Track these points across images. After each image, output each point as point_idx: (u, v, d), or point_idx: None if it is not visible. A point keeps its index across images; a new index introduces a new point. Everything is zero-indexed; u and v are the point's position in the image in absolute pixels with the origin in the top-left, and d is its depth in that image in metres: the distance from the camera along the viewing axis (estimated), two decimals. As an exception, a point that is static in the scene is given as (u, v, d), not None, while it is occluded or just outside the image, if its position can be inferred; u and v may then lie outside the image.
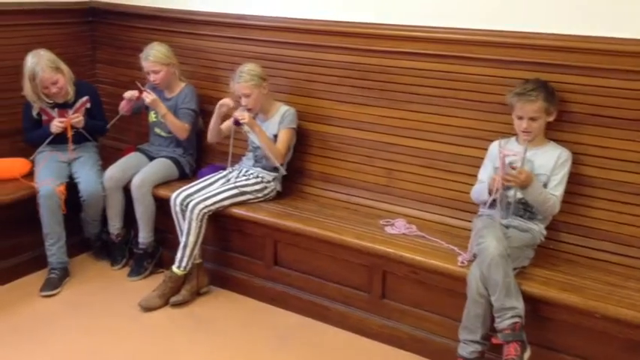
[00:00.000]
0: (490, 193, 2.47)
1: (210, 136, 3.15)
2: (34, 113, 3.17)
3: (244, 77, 2.95)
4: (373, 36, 2.93)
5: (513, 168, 2.37)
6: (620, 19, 2.41)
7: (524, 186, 2.37)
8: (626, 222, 2.49)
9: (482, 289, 2.28)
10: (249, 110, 2.99)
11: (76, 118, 3.15)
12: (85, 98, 3.26)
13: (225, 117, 3.09)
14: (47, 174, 3.06)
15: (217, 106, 3.03)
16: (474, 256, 2.40)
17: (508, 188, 2.45)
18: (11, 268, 3.09)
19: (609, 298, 2.22)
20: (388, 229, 2.77)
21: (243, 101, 2.98)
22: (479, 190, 2.58)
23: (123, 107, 3.26)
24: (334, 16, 3.04)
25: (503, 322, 2.22)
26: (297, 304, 2.92)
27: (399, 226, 2.79)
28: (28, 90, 3.09)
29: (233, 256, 3.09)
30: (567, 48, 2.51)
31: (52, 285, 3.00)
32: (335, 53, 3.06)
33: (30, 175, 3.17)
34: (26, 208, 3.02)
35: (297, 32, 3.14)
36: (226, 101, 3.02)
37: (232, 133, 3.01)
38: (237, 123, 2.94)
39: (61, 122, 3.11)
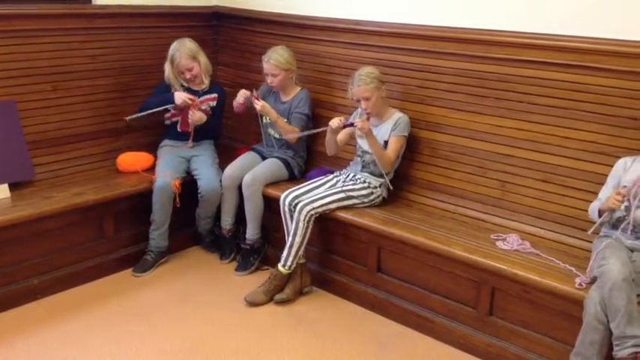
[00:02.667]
0: (600, 214, 2.33)
1: (330, 150, 3.17)
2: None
3: (365, 80, 2.95)
4: (492, 43, 2.85)
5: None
6: None
7: None
8: None
9: (601, 314, 2.14)
10: (368, 114, 2.99)
11: (204, 106, 3.36)
12: (214, 95, 3.47)
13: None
14: (166, 167, 3.25)
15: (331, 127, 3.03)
16: (594, 278, 2.25)
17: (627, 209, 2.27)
18: (130, 255, 3.29)
19: None
20: (500, 244, 2.66)
21: (363, 104, 2.98)
22: (595, 208, 2.42)
23: (237, 107, 3.39)
24: (452, 22, 2.99)
25: (623, 351, 2.07)
26: (398, 313, 2.88)
27: (512, 242, 2.67)
28: (168, 72, 3.38)
29: (336, 260, 3.11)
30: None
31: (144, 267, 3.21)
32: (451, 60, 3.01)
33: (152, 169, 3.36)
34: (146, 200, 3.20)
35: (413, 38, 3.12)
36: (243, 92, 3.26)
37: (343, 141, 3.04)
38: (349, 125, 2.96)
39: (189, 98, 3.30)
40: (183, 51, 3.32)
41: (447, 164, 3.06)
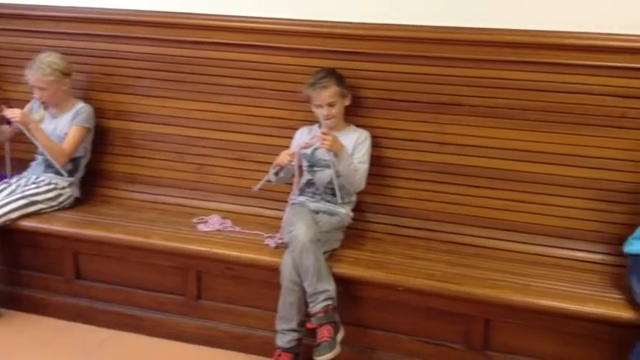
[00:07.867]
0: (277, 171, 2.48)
1: None
2: None
3: (43, 70, 2.68)
4: (178, 26, 2.84)
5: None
6: (413, 6, 2.56)
7: (336, 150, 2.35)
8: (426, 198, 2.64)
9: (295, 276, 2.26)
10: (43, 104, 2.72)
11: None
12: None
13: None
14: None
15: None
16: (287, 245, 2.37)
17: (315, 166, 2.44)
18: None
19: (410, 270, 2.32)
20: (201, 227, 2.65)
21: (37, 94, 2.70)
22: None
23: None
24: (135, 5, 2.90)
25: (317, 306, 2.21)
26: (105, 318, 2.67)
27: (213, 223, 2.68)
28: None
29: (26, 274, 2.75)
30: (363, 36, 2.62)
31: None
32: (136, 44, 2.93)
33: None
34: None
35: (94, 22, 2.95)
36: None
37: (8, 135, 2.66)
38: (8, 122, 2.61)
39: None
40: None
41: (143, 153, 2.96)
